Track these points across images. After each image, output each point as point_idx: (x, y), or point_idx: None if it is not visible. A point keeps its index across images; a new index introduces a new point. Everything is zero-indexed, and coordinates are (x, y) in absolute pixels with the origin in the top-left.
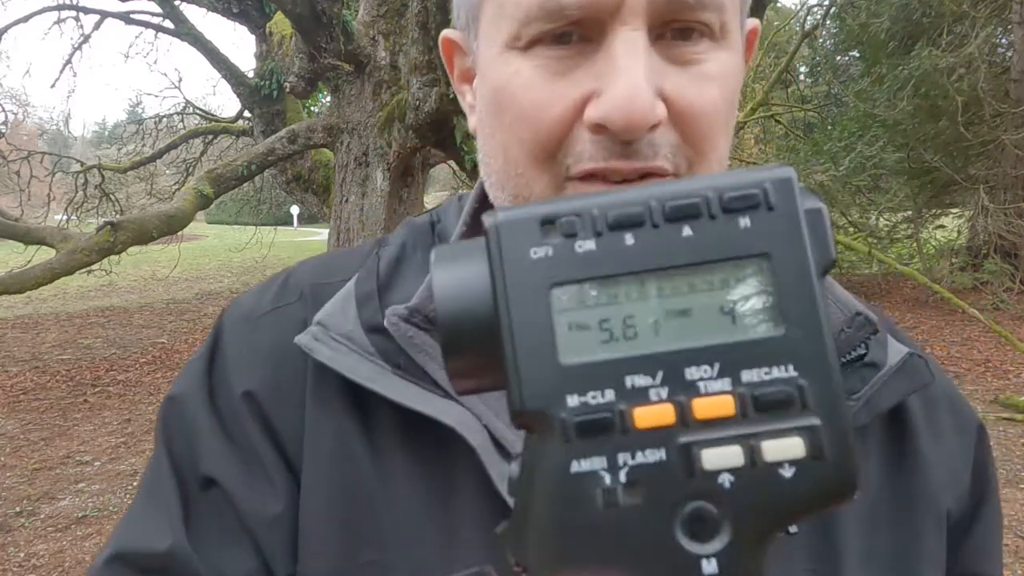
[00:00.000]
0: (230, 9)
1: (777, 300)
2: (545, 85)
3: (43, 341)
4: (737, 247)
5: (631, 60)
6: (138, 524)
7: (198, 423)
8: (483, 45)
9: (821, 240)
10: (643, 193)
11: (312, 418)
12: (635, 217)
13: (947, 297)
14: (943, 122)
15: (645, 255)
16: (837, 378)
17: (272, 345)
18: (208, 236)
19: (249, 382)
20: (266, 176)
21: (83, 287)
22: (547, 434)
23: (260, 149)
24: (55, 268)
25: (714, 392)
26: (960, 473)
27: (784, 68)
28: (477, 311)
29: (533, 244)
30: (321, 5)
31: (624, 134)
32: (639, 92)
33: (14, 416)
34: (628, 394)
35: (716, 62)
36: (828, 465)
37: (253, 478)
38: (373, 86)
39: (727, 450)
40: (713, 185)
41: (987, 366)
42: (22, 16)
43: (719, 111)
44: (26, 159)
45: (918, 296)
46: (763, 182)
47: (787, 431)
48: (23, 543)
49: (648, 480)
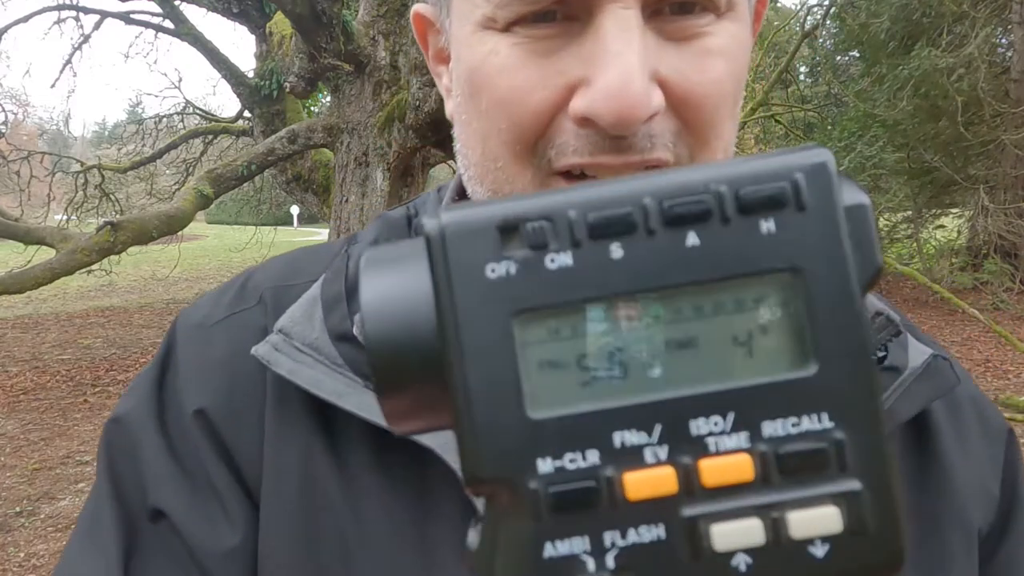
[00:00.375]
0: (230, 9)
1: (809, 329)
2: (525, 67)
3: (43, 341)
4: (758, 260)
5: (622, 43)
6: (74, 568)
7: (145, 447)
8: (456, 23)
9: (866, 246)
10: (634, 187)
11: (272, 438)
12: (624, 220)
13: (947, 297)
14: (943, 122)
15: (637, 271)
16: (884, 429)
17: (226, 356)
18: (208, 236)
19: (201, 399)
20: (266, 176)
21: (83, 287)
22: (513, 507)
23: (260, 149)
24: (55, 268)
25: (727, 450)
26: (989, 484)
27: (784, 68)
28: (420, 337)
29: (490, 259)
30: (321, 5)
31: (614, 129)
32: (631, 81)
33: (14, 416)
34: (617, 455)
35: (721, 35)
36: (871, 540)
37: (205, 508)
38: (373, 86)
39: (744, 524)
40: (727, 176)
41: (987, 366)
42: (22, 16)
43: (725, 92)
44: (26, 159)
45: (918, 296)
46: (792, 172)
47: (820, 499)
48: (23, 543)
49: (643, 565)
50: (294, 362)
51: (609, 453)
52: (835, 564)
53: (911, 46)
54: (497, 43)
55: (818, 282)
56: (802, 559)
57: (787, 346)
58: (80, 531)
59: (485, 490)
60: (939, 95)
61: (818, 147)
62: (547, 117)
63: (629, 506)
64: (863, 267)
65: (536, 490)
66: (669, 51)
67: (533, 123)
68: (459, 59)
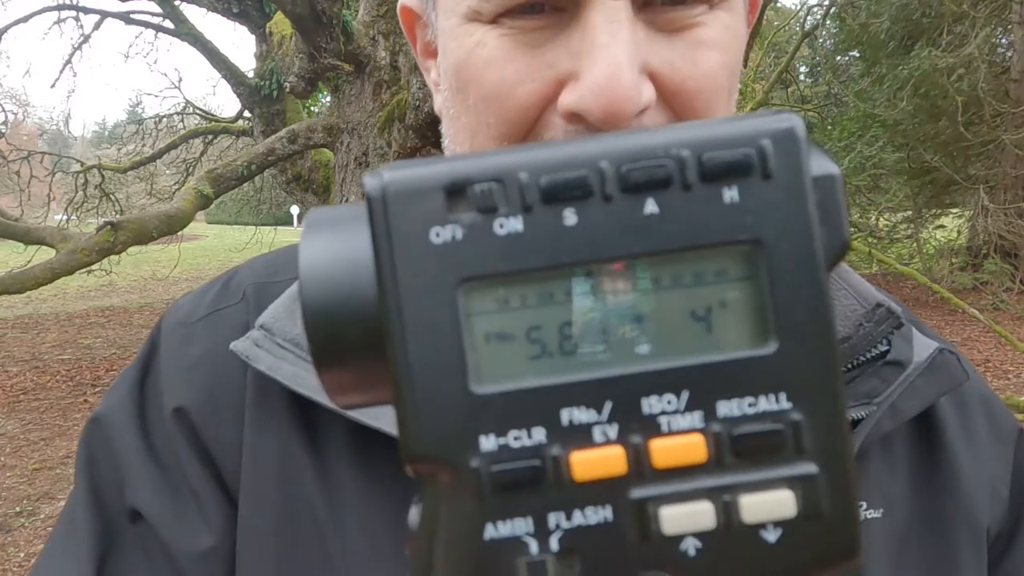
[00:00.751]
0: (230, 9)
1: (771, 305)
2: (513, 59)
3: (43, 341)
4: (719, 231)
5: (611, 35)
6: (48, 568)
7: (124, 447)
8: (442, 15)
9: (833, 220)
10: (591, 149)
11: (251, 435)
12: (579, 185)
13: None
14: (943, 122)
15: (592, 240)
16: (843, 412)
17: (207, 353)
18: (208, 236)
19: (181, 397)
20: (266, 176)
21: (83, 287)
22: (454, 487)
23: (260, 149)
24: (55, 268)
25: (680, 430)
26: (998, 485)
27: (784, 68)
28: (360, 306)
29: (435, 222)
30: (321, 5)
31: (603, 125)
32: (619, 76)
33: (14, 416)
34: (564, 433)
35: (714, 26)
36: (825, 525)
37: (182, 509)
38: (373, 86)
39: (694, 507)
40: (690, 140)
41: (987, 366)
42: (22, 16)
43: (719, 85)
44: (26, 159)
45: (918, 296)
46: (758, 137)
47: (774, 482)
48: (23, 543)
49: (589, 548)
50: (274, 358)
51: (556, 431)
52: (787, 549)
53: (911, 46)
54: (484, 35)
55: (781, 256)
56: (753, 544)
57: (747, 322)
58: (57, 531)
59: (424, 468)
60: (939, 95)
61: (788, 112)
62: (536, 111)
63: (575, 487)
64: (829, 241)
65: (478, 469)
66: (660, 43)
67: (522, 117)
68: (446, 52)
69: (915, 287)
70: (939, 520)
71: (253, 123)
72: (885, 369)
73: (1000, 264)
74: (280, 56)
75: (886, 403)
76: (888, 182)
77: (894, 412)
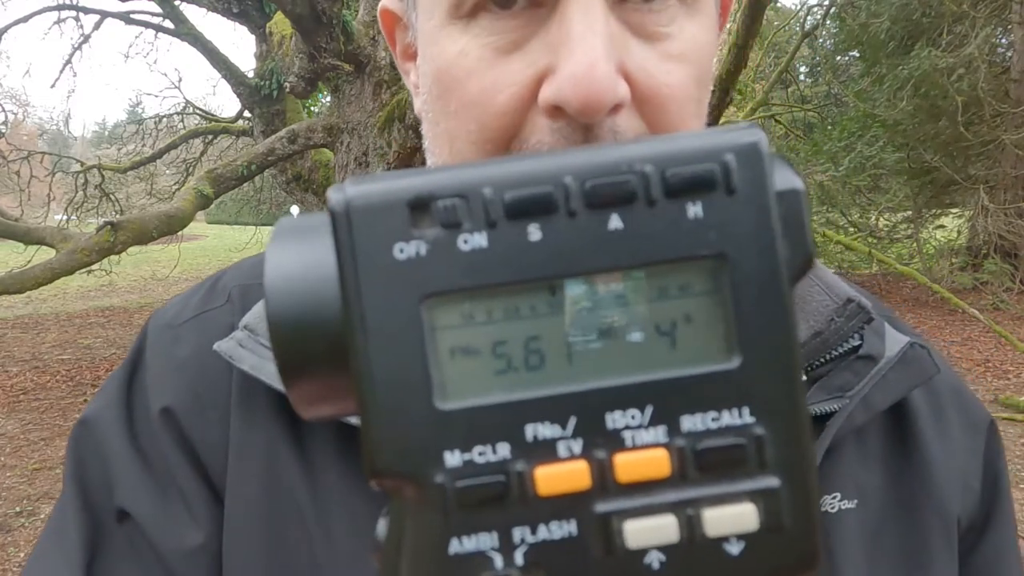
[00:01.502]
0: (230, 9)
1: (735, 319)
2: (493, 66)
3: (43, 341)
4: (683, 246)
5: (587, 26)
6: (38, 570)
7: (112, 448)
8: (422, 17)
9: (797, 234)
10: (555, 164)
11: (237, 434)
12: (543, 200)
13: (947, 297)
14: (943, 122)
15: (556, 255)
16: (806, 425)
17: (193, 354)
18: (208, 236)
19: (168, 398)
20: (266, 176)
21: (83, 287)
22: (419, 502)
23: (260, 149)
24: (55, 268)
25: (644, 444)
26: (969, 477)
27: (784, 68)
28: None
29: (399, 237)
30: (321, 5)
31: (582, 115)
32: (596, 65)
33: (14, 416)
34: (529, 449)
35: (684, 37)
36: (786, 538)
37: (169, 508)
38: (373, 86)
39: (658, 521)
40: (654, 155)
41: (987, 366)
42: (22, 16)
43: (689, 96)
44: (26, 159)
45: (918, 296)
46: (722, 152)
47: (737, 496)
48: (23, 543)
49: (554, 562)
50: (258, 358)
51: (521, 446)
52: (749, 562)
53: (911, 46)
54: (466, 42)
55: (745, 270)
56: (716, 557)
57: (711, 337)
58: (47, 532)
59: (389, 483)
60: (939, 95)
61: (751, 126)
62: (519, 116)
63: (540, 501)
64: (793, 256)
65: (442, 484)
66: (634, 46)
67: (504, 123)
68: (426, 57)
69: (915, 287)
70: (912, 510)
71: (253, 123)
72: (857, 363)
73: (1000, 264)
74: (280, 56)
75: (858, 396)
76: (888, 182)
77: (866, 405)
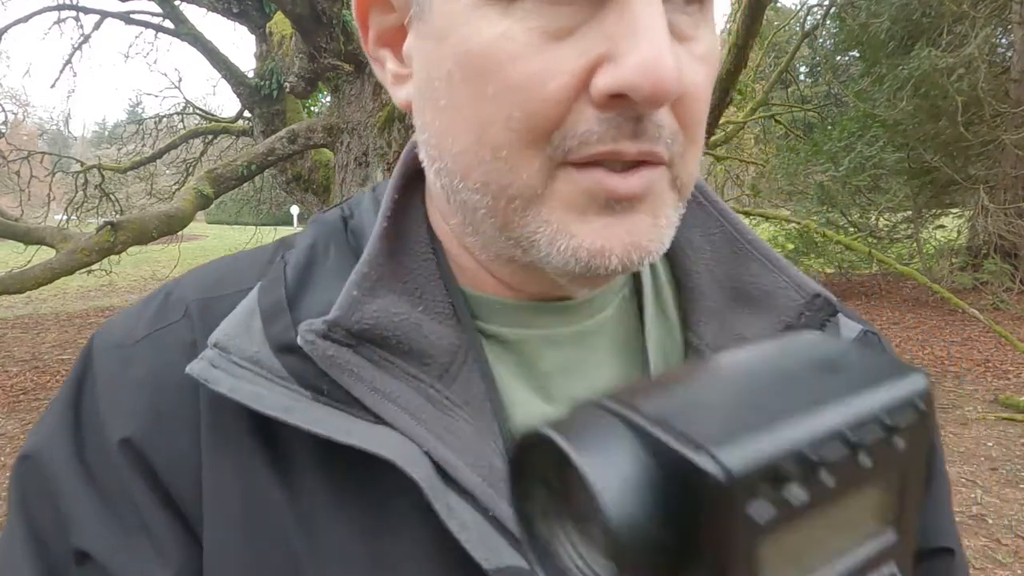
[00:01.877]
0: (230, 9)
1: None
2: (541, 51)
3: (43, 341)
4: (894, 474)
5: (652, 19)
6: None
7: (64, 484)
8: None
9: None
10: (831, 417)
11: (211, 461)
12: (839, 454)
13: (947, 297)
14: (943, 122)
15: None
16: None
17: (151, 377)
18: (208, 236)
19: (126, 427)
20: (266, 176)
21: (83, 287)
22: None
23: (260, 149)
24: (55, 268)
25: None
26: None
27: (784, 68)
28: (663, 537)
29: (752, 496)
30: (321, 5)
31: (648, 103)
32: (665, 55)
33: (14, 416)
34: None
35: (705, 40)
36: None
37: (133, 543)
38: (373, 86)
39: None
40: (879, 404)
41: (987, 366)
42: (22, 16)
43: (707, 97)
44: (26, 159)
45: (918, 296)
46: (912, 397)
47: None
48: None
49: None
50: (234, 378)
51: None
52: None
53: (911, 46)
54: (509, 25)
55: (912, 480)
56: None
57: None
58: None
59: None
60: (939, 95)
61: (915, 370)
62: (567, 105)
63: None
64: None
65: None
66: (675, 46)
67: (552, 111)
68: (446, 38)
69: (915, 287)
70: None
71: (253, 123)
72: None
73: (1000, 264)
74: (280, 56)
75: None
76: (888, 182)
77: None
